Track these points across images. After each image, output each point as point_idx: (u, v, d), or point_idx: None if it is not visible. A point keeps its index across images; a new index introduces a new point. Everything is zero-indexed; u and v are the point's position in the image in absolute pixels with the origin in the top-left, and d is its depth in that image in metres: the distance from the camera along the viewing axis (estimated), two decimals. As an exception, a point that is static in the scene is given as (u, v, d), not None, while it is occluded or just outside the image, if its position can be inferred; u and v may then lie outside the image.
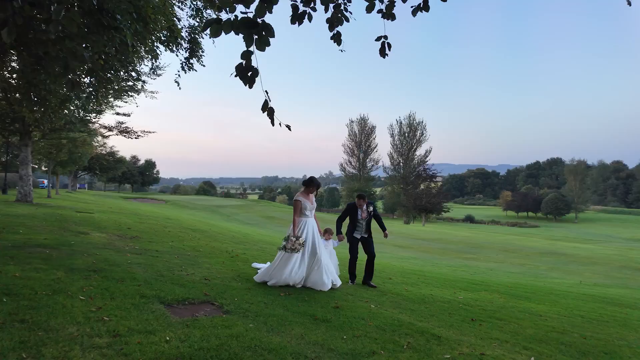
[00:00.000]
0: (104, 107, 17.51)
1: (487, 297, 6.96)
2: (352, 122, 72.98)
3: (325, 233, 6.45)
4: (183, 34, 8.56)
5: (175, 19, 7.84)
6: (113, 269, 5.10)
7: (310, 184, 5.85)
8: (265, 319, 3.87)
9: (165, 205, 35.99)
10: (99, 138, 29.70)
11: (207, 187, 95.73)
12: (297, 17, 3.55)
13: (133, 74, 10.50)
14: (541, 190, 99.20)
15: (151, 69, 12.68)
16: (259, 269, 6.31)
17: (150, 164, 79.07)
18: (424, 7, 3.14)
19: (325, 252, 5.89)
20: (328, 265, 5.75)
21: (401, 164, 69.75)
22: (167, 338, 3.05)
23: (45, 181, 26.88)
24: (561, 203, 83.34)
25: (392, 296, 5.89)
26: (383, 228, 6.99)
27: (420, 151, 69.15)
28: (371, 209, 6.70)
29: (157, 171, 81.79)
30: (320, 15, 3.78)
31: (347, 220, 6.76)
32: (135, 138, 24.29)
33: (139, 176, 74.81)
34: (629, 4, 3.13)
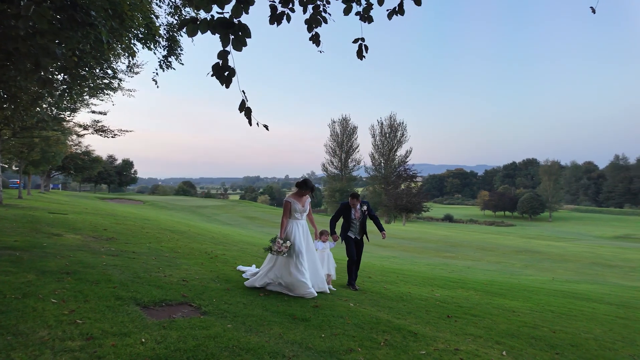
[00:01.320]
0: (79, 105, 16.98)
1: (464, 294, 7.14)
2: (334, 122, 73.22)
3: (322, 235, 6.31)
4: (161, 32, 8.41)
5: (153, 16, 7.70)
6: (87, 271, 4.98)
7: (303, 185, 5.61)
8: (243, 319, 3.86)
9: (143, 205, 35.21)
10: (74, 137, 28.76)
11: (186, 187, 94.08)
12: (276, 18, 3.56)
13: (109, 71, 10.23)
14: (517, 190, 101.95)
15: (128, 66, 12.36)
16: (243, 272, 6.21)
17: (127, 164, 77.20)
18: (399, 11, 3.20)
19: (314, 257, 5.63)
20: (316, 270, 5.54)
21: (382, 164, 70.42)
22: (143, 340, 3.01)
23: (20, 181, 25.83)
24: (536, 202, 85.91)
25: (371, 294, 5.97)
26: (380, 228, 6.87)
27: (400, 151, 69.98)
28: (365, 208, 6.59)
29: (135, 171, 79.90)
30: (301, 16, 3.81)
31: (340, 221, 6.60)
32: (112, 137, 23.61)
33: (116, 176, 72.95)
34: (593, 12, 3.28)
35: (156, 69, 8.93)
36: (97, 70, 9.31)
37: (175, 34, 8.92)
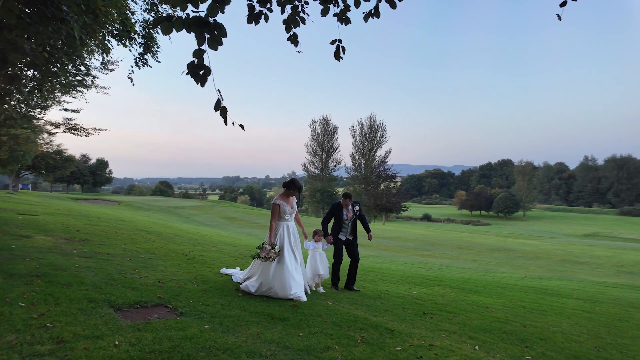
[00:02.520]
0: (50, 102, 16.40)
1: (440, 291, 7.30)
2: (315, 122, 73.30)
3: (315, 235, 6.22)
4: (137, 29, 8.23)
5: (128, 12, 7.54)
6: (58, 273, 4.83)
7: (291, 186, 5.52)
8: (221, 319, 3.84)
9: (119, 206, 34.29)
10: (45, 135, 27.72)
11: (164, 188, 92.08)
12: (254, 17, 3.56)
13: (82, 68, 9.92)
14: (493, 190, 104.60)
15: (102, 63, 12.06)
16: (228, 274, 6.09)
17: (102, 163, 74.96)
18: (375, 13, 3.26)
19: (298, 264, 5.46)
20: (301, 273, 5.41)
21: (362, 165, 70.99)
22: (116, 342, 2.96)
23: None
24: (511, 202, 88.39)
25: (349, 293, 6.03)
26: (367, 230, 6.75)
27: (380, 152, 70.71)
28: (357, 208, 6.49)
29: (110, 171, 77.66)
30: (280, 15, 3.82)
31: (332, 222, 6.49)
32: (86, 136, 22.88)
33: (90, 176, 70.72)
34: (559, 18, 3.42)
35: (132, 67, 8.74)
36: (70, 67, 9.03)
37: (151, 31, 8.75)
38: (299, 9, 3.93)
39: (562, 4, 3.26)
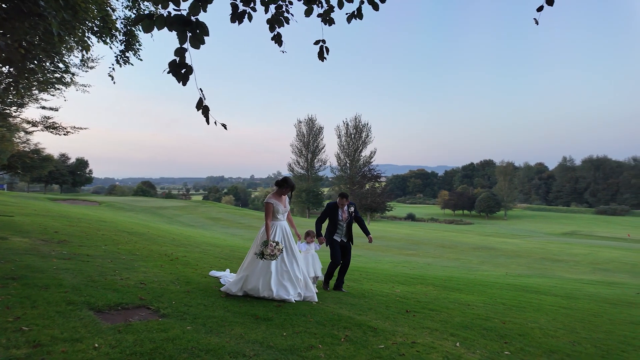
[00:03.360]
0: (27, 100, 15.94)
1: (423, 289, 7.40)
2: (301, 122, 73.30)
3: (307, 236, 6.10)
4: (118, 26, 8.09)
5: (109, 8, 7.39)
6: (36, 275, 4.70)
7: (284, 184, 5.39)
8: (204, 320, 3.81)
9: (99, 207, 33.53)
10: (21, 134, 26.90)
11: (146, 188, 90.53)
12: (237, 17, 3.55)
13: (60, 65, 9.70)
14: (475, 190, 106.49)
15: (82, 60, 11.80)
16: (218, 277, 5.96)
17: (82, 163, 73.26)
18: (358, 15, 3.29)
19: (299, 259, 5.35)
20: (297, 275, 5.22)
21: (348, 165, 71.28)
22: (96, 345, 2.90)
23: None
24: (492, 201, 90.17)
25: (334, 292, 6.06)
26: (366, 232, 6.49)
27: (365, 152, 71.15)
28: (352, 209, 6.32)
29: (90, 170, 75.98)
30: (265, 15, 3.81)
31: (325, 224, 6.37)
32: (65, 134, 22.27)
33: (69, 176, 69.03)
34: (537, 23, 3.52)
35: (112, 64, 8.59)
36: (47, 64, 8.82)
37: (133, 29, 8.61)
38: (283, 9, 3.93)
39: (539, 9, 3.35)
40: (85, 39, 7.17)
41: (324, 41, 3.56)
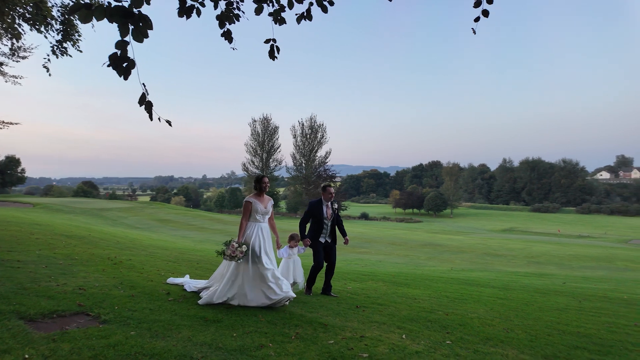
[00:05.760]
0: (-55, 90, 14.32)
1: (373, 285, 7.63)
2: (255, 121, 72.26)
3: (291, 240, 5.85)
4: (54, 13, 7.53)
5: (43, -6, 6.87)
6: (-45, 284, 4.27)
7: (260, 181, 5.15)
8: (149, 325, 3.67)
9: (33, 209, 30.85)
10: (-62, 128, 24.09)
11: (87, 188, 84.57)
12: (185, 11, 3.47)
13: (-14, 53, 8.84)
14: (424, 190, 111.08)
15: (12, 49, 10.81)
16: (178, 284, 5.62)
17: (12, 161, 67.07)
18: (307, 16, 3.34)
19: (273, 265, 5.04)
20: (276, 279, 4.93)
21: (303, 165, 71.49)
22: (27, 356, 2.70)
23: None
24: (440, 200, 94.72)
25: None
26: (343, 233, 6.24)
27: (321, 152, 71.79)
28: (336, 206, 6.04)
29: (23, 169, 69.71)
30: (214, 11, 3.75)
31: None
32: (-9, 130, 20.31)
33: (-3, 175, 62.90)
34: (474, 32, 3.78)
35: (48, 55, 7.97)
36: (-30, 51, 8.01)
37: (72, 18, 8.05)
38: (234, 6, 3.90)
39: (476, 19, 3.60)
40: (16, 26, 6.61)
41: (274, 40, 3.57)
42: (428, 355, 3.57)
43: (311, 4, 3.30)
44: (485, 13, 3.57)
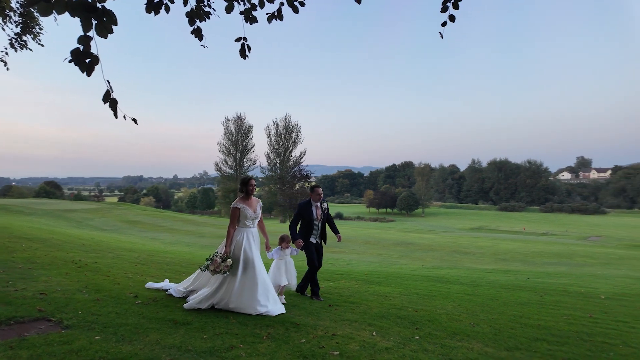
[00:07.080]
0: None
1: (346, 284, 7.71)
2: (229, 120, 70.98)
3: (282, 242, 5.73)
4: (13, 5, 7.15)
5: (0, -16, 6.52)
6: None
7: (247, 184, 4.94)
8: (115, 329, 3.56)
9: (-10, 211, 29.16)
10: None
11: (50, 189, 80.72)
12: (153, 7, 3.40)
13: (-64, 44, 8.27)
14: (397, 189, 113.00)
15: (-34, 41, 10.18)
16: (159, 289, 5.39)
17: (-34, 160, 63.02)
18: (278, 16, 3.34)
19: (264, 273, 4.92)
20: (267, 286, 4.82)
21: (278, 165, 70.93)
22: (-20, 365, 2.57)
23: None
24: (412, 200, 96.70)
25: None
26: (335, 230, 6.17)
27: (295, 152, 71.39)
28: (325, 205, 5.98)
29: (-22, 169, 65.69)
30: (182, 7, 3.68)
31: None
32: (-58, 126, 19.05)
33: (-51, 175, 58.94)
34: (441, 37, 3.89)
35: (6, 48, 7.57)
36: None
37: (32, 9, 7.68)
38: (204, 3, 3.84)
39: (443, 24, 3.71)
40: (-30, 16, 6.24)
41: (245, 39, 3.54)
42: (397, 351, 3.64)
43: (282, 4, 3.30)
44: (452, 18, 3.69)
